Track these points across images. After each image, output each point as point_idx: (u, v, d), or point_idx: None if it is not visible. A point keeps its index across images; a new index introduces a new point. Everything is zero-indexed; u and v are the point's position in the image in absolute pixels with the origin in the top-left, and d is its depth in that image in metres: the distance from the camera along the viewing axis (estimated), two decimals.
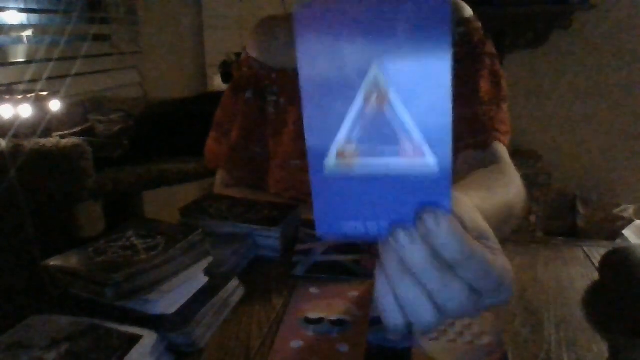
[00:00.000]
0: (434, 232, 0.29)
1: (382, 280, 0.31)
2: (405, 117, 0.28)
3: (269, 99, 0.88)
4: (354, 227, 0.31)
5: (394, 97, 0.28)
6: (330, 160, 0.30)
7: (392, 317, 0.31)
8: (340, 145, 0.29)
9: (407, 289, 0.30)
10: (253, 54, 0.89)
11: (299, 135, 0.82)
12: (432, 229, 0.29)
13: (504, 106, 0.77)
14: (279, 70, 0.86)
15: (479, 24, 0.80)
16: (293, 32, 0.28)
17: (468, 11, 0.81)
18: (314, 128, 0.29)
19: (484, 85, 0.76)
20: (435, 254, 0.29)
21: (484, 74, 0.77)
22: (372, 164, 0.29)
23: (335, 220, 0.31)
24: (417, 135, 0.28)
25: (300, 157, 0.82)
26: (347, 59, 0.28)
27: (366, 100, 0.28)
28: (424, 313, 0.30)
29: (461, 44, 0.78)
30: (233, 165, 0.90)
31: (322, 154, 0.30)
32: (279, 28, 0.88)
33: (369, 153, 0.29)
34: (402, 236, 0.29)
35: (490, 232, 0.34)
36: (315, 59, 0.28)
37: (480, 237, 0.33)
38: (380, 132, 0.29)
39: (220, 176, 0.94)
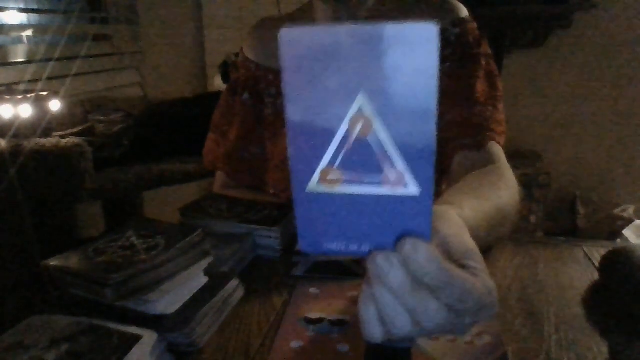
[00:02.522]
0: (412, 259, 0.29)
1: (366, 291, 0.32)
2: (388, 145, 0.28)
3: (267, 100, 0.87)
4: (336, 248, 0.32)
5: (378, 125, 0.28)
6: (313, 184, 0.30)
7: (372, 327, 0.32)
8: (324, 170, 0.30)
9: (387, 304, 0.31)
10: (250, 55, 0.89)
11: None
12: (410, 256, 0.29)
13: (500, 106, 0.77)
14: (276, 71, 0.86)
15: (475, 25, 0.80)
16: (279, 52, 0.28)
17: (463, 11, 0.81)
18: (299, 150, 0.30)
19: (480, 86, 0.76)
20: (414, 278, 0.30)
21: (479, 75, 0.77)
22: (356, 190, 0.30)
23: (317, 240, 0.32)
24: (400, 164, 0.29)
25: None
26: (333, 85, 0.28)
27: (351, 127, 0.28)
28: (403, 327, 0.31)
29: (457, 45, 0.78)
30: (231, 166, 0.90)
31: (306, 176, 0.30)
32: (275, 29, 0.87)
33: (351, 181, 0.30)
34: (381, 261, 0.30)
35: (475, 251, 0.35)
36: (301, 82, 0.28)
37: (464, 256, 0.33)
38: (364, 160, 0.29)
39: (219, 178, 0.94)
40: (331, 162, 0.30)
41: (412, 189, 0.29)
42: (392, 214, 0.30)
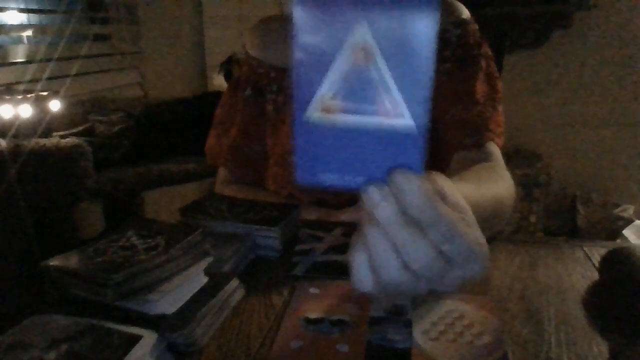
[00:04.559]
0: (404, 190, 0.30)
1: (357, 238, 0.33)
2: (387, 77, 0.29)
3: (268, 97, 0.88)
4: (331, 179, 0.32)
5: (378, 57, 0.29)
6: (313, 113, 0.31)
7: (361, 274, 0.32)
8: (324, 99, 0.31)
9: (377, 242, 0.31)
10: (252, 52, 0.90)
11: None
12: (402, 187, 0.30)
13: (499, 108, 0.78)
14: (278, 68, 0.87)
15: (476, 26, 0.81)
16: None
17: (465, 12, 0.81)
18: (300, 78, 0.30)
19: (480, 87, 0.77)
20: (405, 212, 0.30)
21: (479, 76, 0.77)
22: (353, 120, 0.31)
23: (313, 171, 0.32)
24: (397, 96, 0.30)
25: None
26: (336, 12, 0.29)
27: (351, 55, 0.29)
28: (391, 268, 0.31)
29: (457, 46, 0.78)
30: (233, 162, 0.91)
31: (305, 105, 0.31)
32: (277, 27, 0.89)
33: (350, 110, 0.31)
34: (373, 192, 0.30)
35: (468, 208, 0.35)
36: (308, 8, 0.29)
37: (457, 209, 0.34)
38: (362, 89, 0.30)
39: (221, 174, 0.95)
40: (330, 91, 0.30)
41: (407, 120, 0.30)
42: (387, 148, 0.31)
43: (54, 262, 0.53)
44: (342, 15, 0.28)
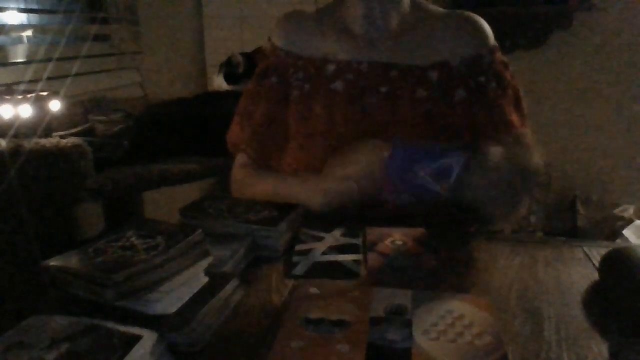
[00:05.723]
0: None
1: None
2: None
3: (294, 83, 0.91)
4: None
5: None
6: None
7: None
8: None
9: None
10: (279, 43, 0.94)
11: (330, 119, 0.86)
12: None
13: (526, 125, 0.89)
14: (306, 58, 0.91)
15: (501, 55, 0.89)
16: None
17: (492, 36, 0.88)
18: None
19: (514, 114, 0.88)
20: None
21: (511, 102, 0.88)
22: None
23: None
24: None
25: (329, 136, 0.86)
26: None
27: None
28: None
29: (490, 72, 0.86)
30: (254, 147, 0.94)
31: None
32: (306, 20, 0.95)
33: None
34: None
35: None
36: None
37: None
38: None
39: (239, 159, 0.97)
40: None
41: None
42: None
43: (54, 262, 0.53)
44: None
